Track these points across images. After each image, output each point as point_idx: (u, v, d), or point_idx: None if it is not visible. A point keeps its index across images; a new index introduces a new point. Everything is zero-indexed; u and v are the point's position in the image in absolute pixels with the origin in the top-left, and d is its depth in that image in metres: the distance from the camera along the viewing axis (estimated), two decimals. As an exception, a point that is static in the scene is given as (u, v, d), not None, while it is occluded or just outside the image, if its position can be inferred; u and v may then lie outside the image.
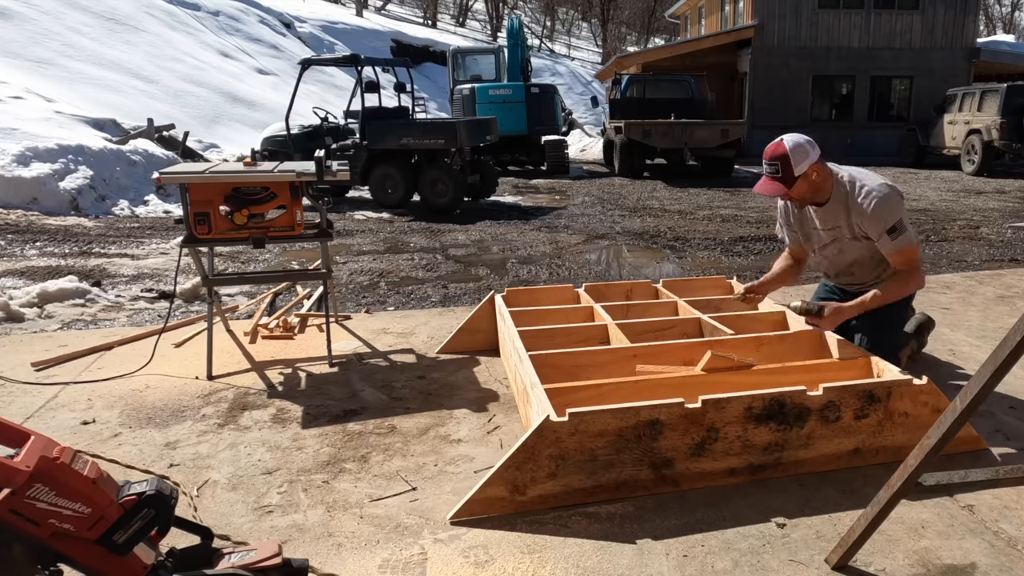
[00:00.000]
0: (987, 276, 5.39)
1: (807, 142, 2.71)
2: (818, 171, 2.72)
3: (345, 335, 3.99)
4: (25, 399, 3.08)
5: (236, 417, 2.90)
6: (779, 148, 2.70)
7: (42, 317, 4.47)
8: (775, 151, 2.71)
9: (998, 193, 11.24)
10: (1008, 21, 47.79)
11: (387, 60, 10.32)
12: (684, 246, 7.07)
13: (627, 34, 52.08)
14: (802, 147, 2.68)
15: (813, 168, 2.70)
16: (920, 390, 2.43)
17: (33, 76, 13.38)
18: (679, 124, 13.47)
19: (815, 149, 2.71)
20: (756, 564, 1.92)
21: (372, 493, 2.31)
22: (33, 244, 6.73)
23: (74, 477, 1.41)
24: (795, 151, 2.66)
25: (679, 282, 3.95)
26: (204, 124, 15.59)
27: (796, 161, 2.66)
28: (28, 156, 8.74)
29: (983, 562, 1.92)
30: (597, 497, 2.23)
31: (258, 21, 25.89)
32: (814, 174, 2.71)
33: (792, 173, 2.68)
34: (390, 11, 43.11)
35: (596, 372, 2.82)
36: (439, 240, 7.38)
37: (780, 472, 2.37)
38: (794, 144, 2.68)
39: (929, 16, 19.03)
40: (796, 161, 2.66)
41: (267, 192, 3.24)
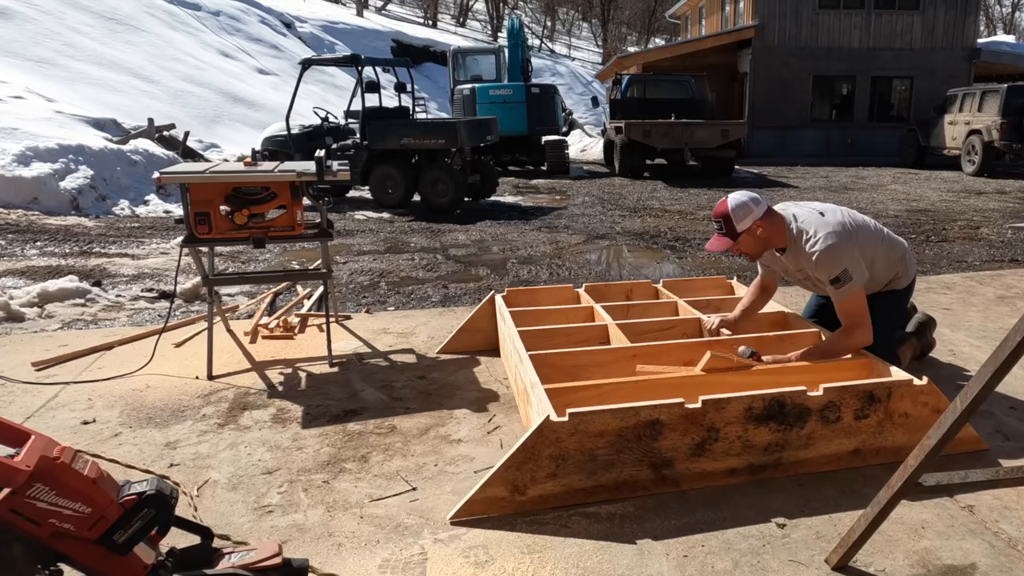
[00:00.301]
0: (987, 276, 5.38)
1: (751, 200, 2.81)
2: (764, 226, 2.81)
3: (345, 335, 3.99)
4: (25, 399, 3.09)
5: (236, 417, 2.90)
6: (722, 207, 2.83)
7: (42, 317, 4.48)
8: (719, 210, 2.84)
9: (998, 193, 11.24)
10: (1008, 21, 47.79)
11: (387, 60, 10.31)
12: (684, 246, 7.07)
13: (627, 34, 52.08)
14: (744, 205, 2.79)
15: (757, 224, 2.80)
16: (920, 390, 2.43)
17: (34, 76, 13.39)
18: (679, 124, 13.46)
19: (759, 206, 2.81)
20: (756, 564, 1.92)
21: (372, 493, 2.31)
22: (33, 244, 6.73)
23: (74, 477, 1.41)
24: (736, 210, 2.79)
25: (679, 282, 3.95)
26: (204, 124, 15.60)
27: (738, 219, 2.78)
28: (29, 156, 8.74)
29: (983, 563, 1.92)
30: (597, 497, 2.23)
31: (259, 21, 25.89)
32: (759, 229, 2.81)
33: (735, 229, 2.79)
34: (390, 11, 43.11)
35: (596, 372, 2.82)
36: (439, 240, 7.38)
37: (780, 472, 2.37)
38: (736, 204, 2.80)
39: (930, 16, 19.03)
40: (738, 219, 2.78)
41: (267, 192, 3.24)
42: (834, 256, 2.72)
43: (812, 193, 11.39)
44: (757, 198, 2.83)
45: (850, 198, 10.73)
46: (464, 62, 17.10)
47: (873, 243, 2.90)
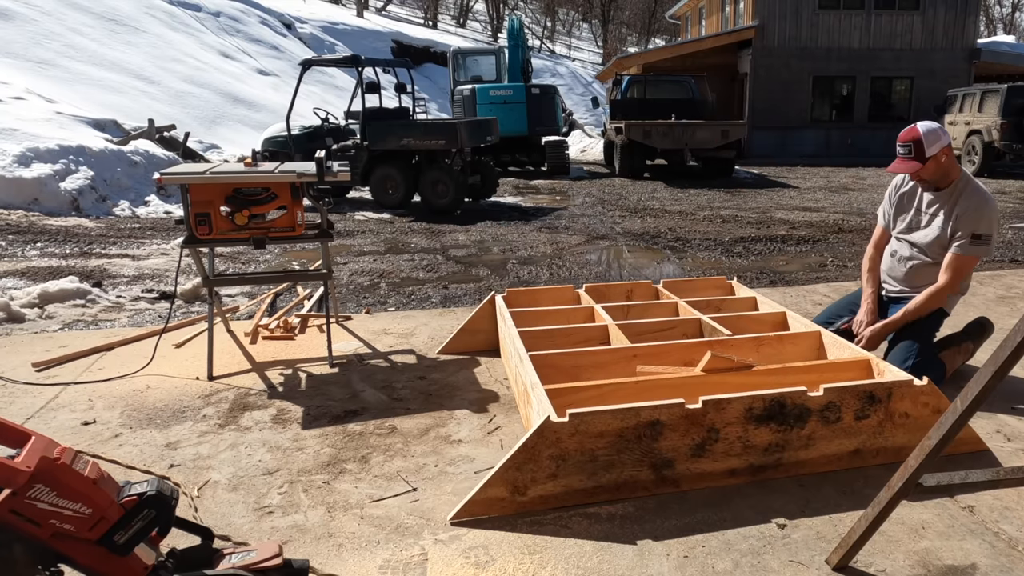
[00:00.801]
0: (988, 277, 5.38)
1: (939, 128, 2.97)
2: (948, 155, 2.96)
3: (346, 336, 4.00)
4: (26, 399, 3.09)
5: (237, 418, 2.90)
6: (913, 132, 2.96)
7: (43, 318, 4.48)
8: (909, 134, 2.97)
9: (999, 194, 11.24)
10: (1009, 22, 47.79)
11: (388, 61, 10.32)
12: (684, 247, 7.07)
13: (628, 35, 52.09)
14: (934, 131, 2.94)
15: (944, 151, 2.95)
16: (921, 391, 2.43)
17: (34, 77, 13.39)
18: (679, 125, 13.47)
19: (946, 135, 2.97)
20: (757, 565, 1.92)
21: (373, 494, 2.31)
22: (34, 245, 6.73)
23: (75, 477, 1.41)
24: (928, 135, 2.93)
25: (679, 283, 3.95)
26: (205, 125, 15.60)
27: (928, 143, 2.92)
28: (29, 157, 8.75)
29: (984, 563, 1.92)
30: (597, 498, 2.23)
31: (259, 22, 25.90)
32: (944, 157, 2.96)
33: (924, 153, 2.93)
34: (391, 12, 43.13)
35: (596, 372, 2.82)
36: (440, 241, 7.38)
37: (780, 473, 2.37)
38: (927, 129, 2.95)
39: (930, 17, 19.03)
40: (928, 143, 2.92)
41: (268, 193, 3.25)
42: (991, 216, 2.94)
43: (812, 194, 11.39)
44: (944, 128, 3.05)
45: (850, 198, 10.73)
46: (464, 63, 17.11)
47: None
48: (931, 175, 3.01)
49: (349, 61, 9.25)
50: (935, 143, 2.92)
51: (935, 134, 2.94)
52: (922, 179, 3.04)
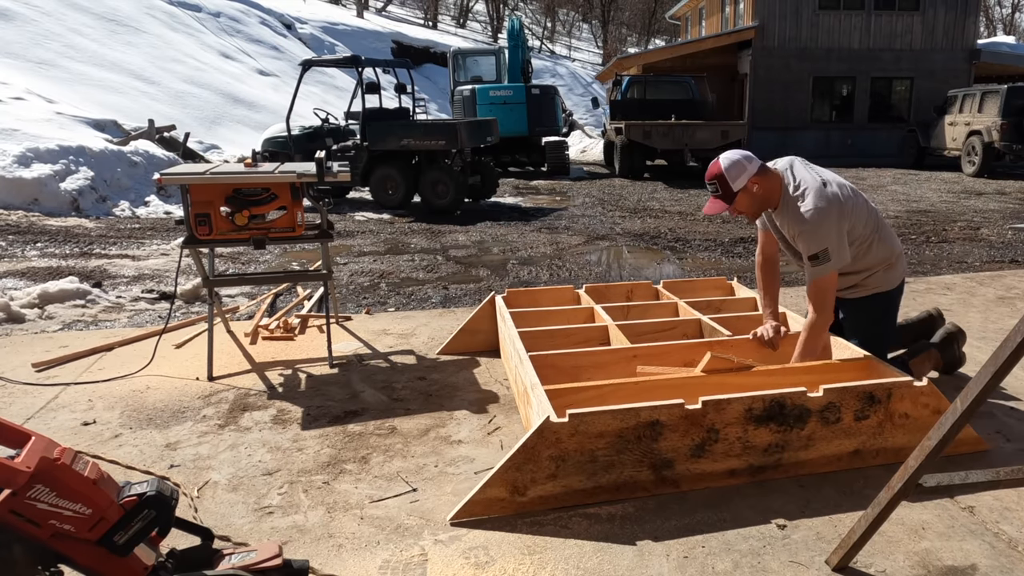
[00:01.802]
0: (987, 277, 5.38)
1: (743, 157, 2.73)
2: (759, 183, 2.72)
3: (346, 336, 4.00)
4: (26, 400, 3.09)
5: (236, 418, 2.90)
6: (715, 168, 2.74)
7: (43, 318, 4.48)
8: (712, 171, 2.75)
9: (998, 194, 11.24)
10: (1009, 22, 47.79)
11: (388, 61, 10.31)
12: (684, 247, 7.07)
13: (627, 35, 52.09)
14: (738, 163, 2.71)
15: (753, 181, 2.71)
16: (920, 391, 2.43)
17: (34, 77, 13.39)
18: (679, 125, 13.47)
19: (752, 163, 2.73)
20: (756, 565, 1.92)
21: (372, 494, 2.31)
22: (34, 245, 6.73)
23: (74, 478, 1.41)
24: (730, 169, 2.70)
25: (679, 283, 3.95)
26: (205, 125, 15.60)
27: (732, 177, 2.70)
28: (29, 157, 8.75)
29: (984, 563, 1.92)
30: (597, 498, 2.23)
31: (259, 22, 25.90)
32: (755, 187, 2.72)
33: (731, 189, 2.71)
34: (391, 12, 43.14)
35: (596, 373, 2.82)
36: (440, 241, 7.38)
37: (780, 473, 2.37)
38: (729, 163, 2.72)
39: (929, 17, 19.03)
40: (732, 177, 2.70)
41: (268, 193, 3.25)
42: (817, 232, 2.61)
43: (812, 194, 11.38)
44: (749, 155, 2.75)
45: (850, 199, 10.71)
46: (464, 63, 17.11)
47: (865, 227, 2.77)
48: (747, 208, 2.78)
49: (349, 61, 9.24)
50: (740, 176, 2.69)
51: (738, 167, 2.69)
52: (741, 213, 2.81)
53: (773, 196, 2.76)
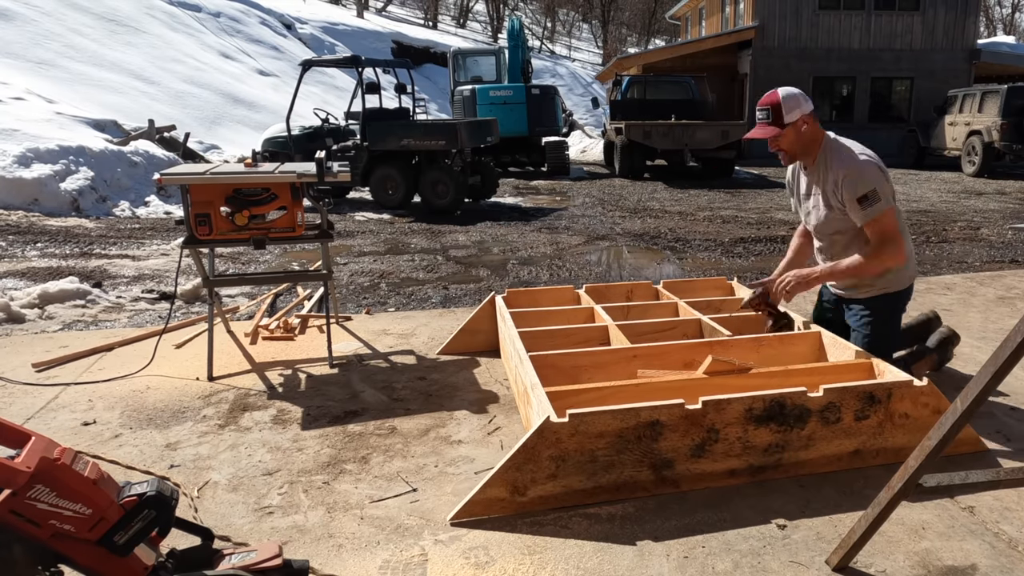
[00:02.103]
0: (987, 277, 5.38)
1: (800, 94, 2.76)
2: (808, 123, 2.74)
3: (346, 336, 4.00)
4: (26, 400, 3.09)
5: (237, 418, 2.90)
6: (772, 96, 2.77)
7: (43, 318, 4.48)
8: (768, 99, 2.78)
9: (998, 194, 11.24)
10: (1009, 22, 47.79)
11: (388, 61, 10.32)
12: (684, 247, 7.07)
13: (627, 35, 52.09)
14: (794, 97, 2.74)
15: (804, 119, 2.73)
16: (920, 391, 2.43)
17: (34, 77, 13.39)
18: (679, 125, 13.47)
19: (807, 102, 2.75)
20: (757, 565, 1.92)
21: (373, 494, 2.31)
22: (34, 245, 6.73)
23: (75, 478, 1.41)
24: (787, 99, 2.73)
25: (679, 283, 3.95)
26: (205, 125, 15.60)
27: (788, 108, 2.72)
28: (29, 157, 8.75)
29: (984, 563, 1.92)
30: (597, 498, 2.23)
31: (259, 22, 25.90)
32: (804, 125, 2.74)
33: (782, 119, 2.73)
34: (391, 12, 43.14)
35: (596, 373, 2.82)
36: (440, 241, 7.38)
37: (780, 473, 2.37)
38: (787, 93, 2.75)
39: (930, 17, 19.03)
40: (788, 108, 2.72)
41: (268, 193, 3.25)
42: (866, 174, 2.63)
43: (812, 194, 11.38)
44: (807, 95, 2.79)
45: (850, 199, 10.72)
46: (464, 63, 17.11)
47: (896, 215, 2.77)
48: (790, 145, 2.79)
49: (349, 62, 9.25)
50: (795, 109, 2.71)
51: (795, 99, 2.73)
52: (781, 149, 2.82)
53: (815, 143, 2.79)
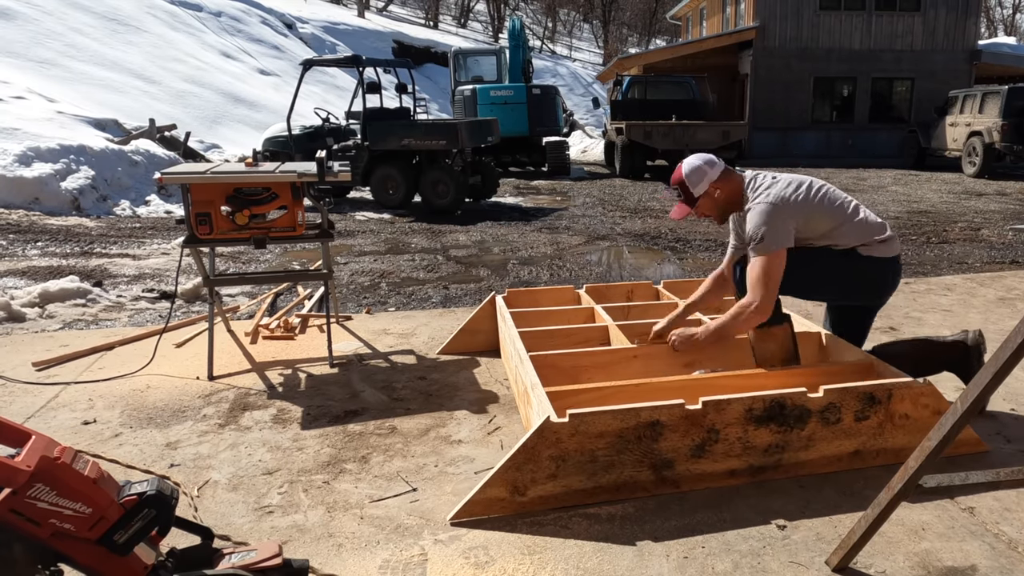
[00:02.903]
0: (988, 278, 5.38)
1: (705, 163, 2.78)
2: (721, 187, 2.77)
3: (346, 336, 4.00)
4: (26, 399, 3.09)
5: (237, 417, 2.90)
6: (677, 174, 2.80)
7: (43, 317, 4.48)
8: (674, 177, 2.81)
9: (999, 195, 11.24)
10: (1009, 23, 47.76)
11: (389, 61, 10.32)
12: (685, 247, 7.07)
13: (628, 35, 52.08)
14: (698, 169, 2.76)
15: (714, 186, 2.76)
16: (921, 392, 2.43)
17: (35, 76, 13.40)
18: (680, 125, 13.47)
19: (713, 168, 2.77)
20: (756, 566, 1.92)
21: (372, 494, 2.31)
22: (35, 244, 6.73)
23: (75, 477, 1.41)
24: (690, 175, 2.76)
25: (680, 283, 3.95)
26: (206, 124, 15.61)
27: (692, 183, 2.76)
28: (30, 156, 8.75)
29: (984, 564, 1.92)
30: (597, 498, 2.23)
31: (260, 22, 25.91)
32: (716, 192, 2.77)
33: (692, 194, 2.77)
34: (392, 12, 43.14)
35: (597, 373, 2.82)
36: (440, 241, 7.38)
37: (780, 474, 2.37)
38: (690, 168, 2.77)
39: (930, 18, 19.03)
40: (692, 183, 2.76)
41: (268, 193, 3.25)
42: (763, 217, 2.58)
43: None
44: (712, 159, 2.79)
45: (851, 199, 10.72)
46: (465, 63, 17.12)
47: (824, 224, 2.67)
48: (711, 211, 2.82)
49: (350, 61, 9.25)
50: (700, 181, 2.74)
51: (699, 172, 2.75)
52: (705, 216, 2.88)
53: (736, 198, 2.79)
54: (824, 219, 2.68)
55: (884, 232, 2.75)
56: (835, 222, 2.69)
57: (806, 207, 2.66)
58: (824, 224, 2.68)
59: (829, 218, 2.69)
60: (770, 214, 2.59)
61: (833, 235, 2.70)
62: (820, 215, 2.68)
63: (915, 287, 5.05)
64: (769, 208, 2.61)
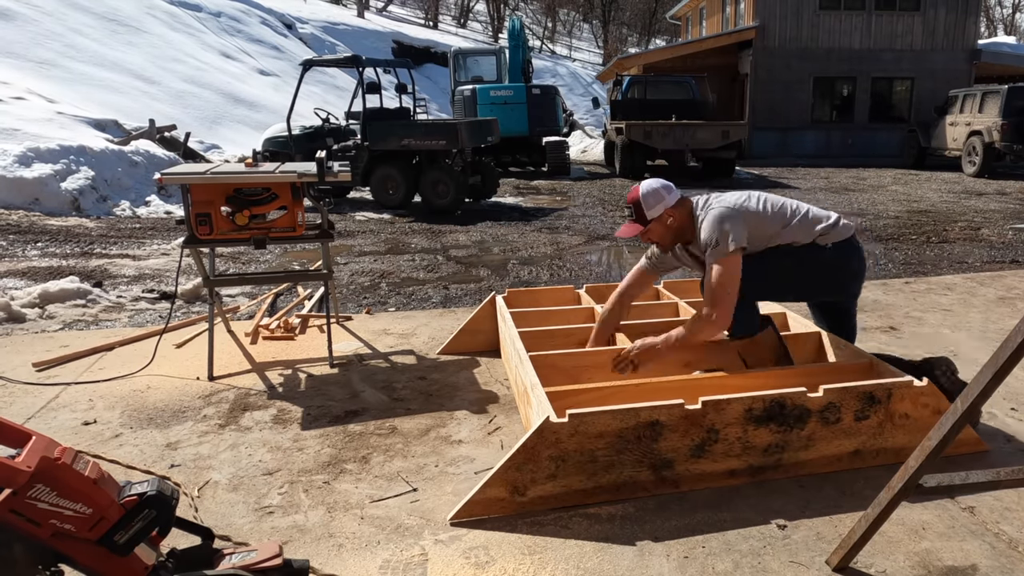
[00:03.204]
0: (988, 278, 5.38)
1: (663, 187, 2.79)
2: (675, 215, 2.77)
3: (346, 336, 4.00)
4: (26, 399, 3.09)
5: (237, 418, 2.90)
6: (634, 193, 2.80)
7: (43, 318, 4.48)
8: (630, 196, 2.81)
9: (999, 194, 11.23)
10: (1009, 23, 47.76)
11: (388, 61, 10.32)
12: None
13: (628, 35, 52.07)
14: (656, 192, 2.76)
15: (668, 212, 2.76)
16: (920, 392, 2.43)
17: (35, 77, 13.40)
18: (680, 125, 13.47)
19: (671, 195, 2.77)
20: (757, 565, 1.92)
21: (373, 494, 2.31)
22: (35, 245, 6.73)
23: (75, 477, 1.41)
24: (647, 196, 2.76)
25: (680, 283, 3.95)
26: (205, 125, 15.60)
27: (648, 205, 2.75)
28: (30, 157, 8.75)
29: (984, 564, 1.92)
30: (597, 498, 2.23)
31: (259, 22, 25.91)
32: (669, 219, 2.77)
33: (645, 216, 2.76)
34: (391, 12, 43.14)
35: (597, 373, 2.82)
36: (440, 241, 7.38)
37: (780, 474, 2.37)
38: (648, 190, 2.77)
39: (930, 17, 19.02)
40: (648, 205, 2.75)
41: (268, 193, 3.25)
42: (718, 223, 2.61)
43: (812, 194, 11.39)
44: (670, 186, 2.80)
45: (850, 199, 10.73)
46: (465, 63, 17.12)
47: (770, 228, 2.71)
48: (660, 237, 2.82)
49: (350, 61, 9.25)
50: (656, 204, 2.73)
51: (656, 195, 2.74)
52: (652, 241, 2.86)
53: (687, 228, 2.80)
54: (772, 221, 2.73)
55: (831, 219, 2.80)
56: (783, 221, 2.74)
57: (755, 211, 2.72)
58: (773, 226, 2.73)
59: (777, 218, 2.74)
60: (723, 216, 2.65)
61: (785, 234, 2.73)
62: (768, 218, 2.73)
63: (915, 287, 5.05)
64: (722, 211, 2.67)
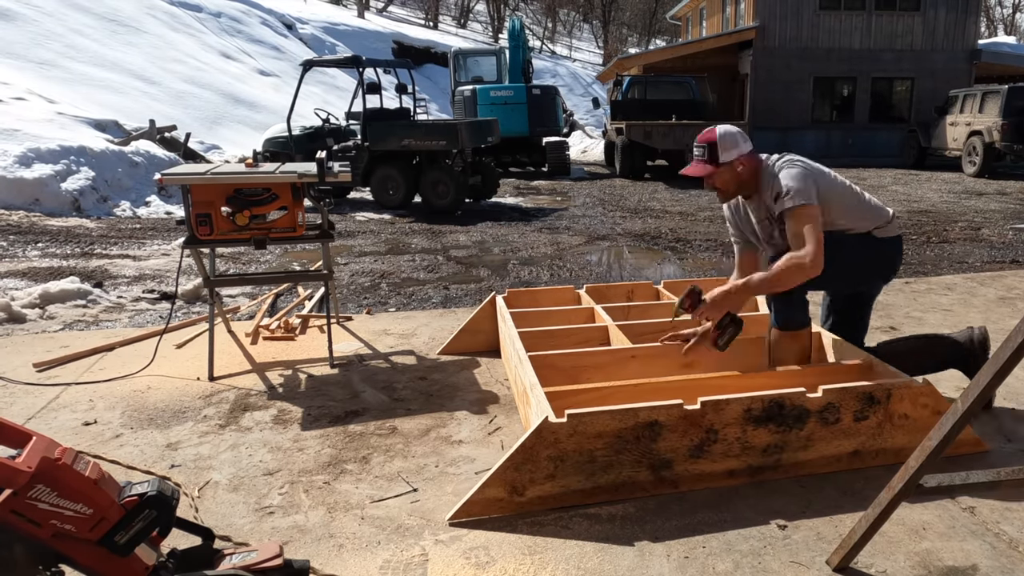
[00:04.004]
0: (988, 278, 5.38)
1: (739, 133, 2.72)
2: (746, 163, 2.68)
3: (346, 336, 4.00)
4: (27, 400, 3.09)
5: (237, 418, 2.90)
6: (710, 134, 2.70)
7: (44, 318, 4.48)
8: (705, 136, 2.71)
9: (999, 194, 11.23)
10: (1009, 23, 47.75)
11: (388, 61, 10.33)
12: (685, 247, 7.07)
13: (628, 35, 52.08)
14: (732, 136, 2.69)
15: (741, 160, 2.67)
16: (920, 392, 2.43)
17: (35, 77, 13.40)
18: (680, 126, 13.48)
19: (746, 142, 2.70)
20: (757, 566, 1.92)
21: (373, 494, 2.31)
22: (35, 245, 6.74)
23: (75, 478, 1.41)
24: (724, 138, 2.67)
25: (680, 283, 3.95)
26: (206, 125, 15.61)
27: (724, 147, 2.66)
28: (30, 157, 8.75)
29: (984, 564, 1.92)
30: (596, 498, 2.23)
31: (260, 22, 25.91)
32: (740, 166, 2.68)
33: (718, 158, 2.67)
34: (391, 12, 43.15)
35: (596, 373, 2.82)
36: (440, 241, 7.38)
37: (779, 474, 2.37)
38: (724, 132, 2.69)
39: (930, 17, 19.03)
40: (724, 147, 2.66)
41: (269, 193, 3.25)
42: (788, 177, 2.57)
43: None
44: (745, 135, 2.74)
45: (851, 199, 10.73)
46: (465, 63, 17.13)
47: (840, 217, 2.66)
48: (724, 183, 2.71)
49: (350, 62, 9.25)
50: (731, 148, 2.65)
51: (732, 139, 2.66)
52: (716, 187, 2.73)
53: (752, 180, 2.72)
54: (841, 198, 2.68)
55: (889, 214, 2.79)
56: (850, 202, 2.70)
57: (827, 180, 2.68)
58: (840, 204, 2.67)
59: (849, 196, 2.70)
60: (805, 173, 2.59)
61: (848, 216, 2.68)
62: (838, 192, 2.68)
63: (915, 287, 5.05)
64: (804, 169, 2.62)
